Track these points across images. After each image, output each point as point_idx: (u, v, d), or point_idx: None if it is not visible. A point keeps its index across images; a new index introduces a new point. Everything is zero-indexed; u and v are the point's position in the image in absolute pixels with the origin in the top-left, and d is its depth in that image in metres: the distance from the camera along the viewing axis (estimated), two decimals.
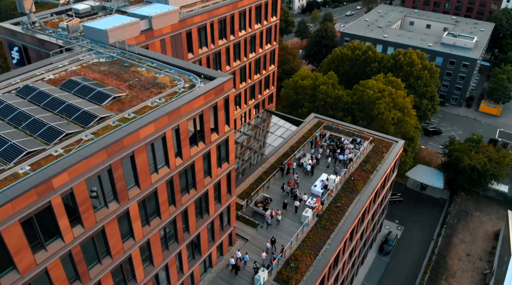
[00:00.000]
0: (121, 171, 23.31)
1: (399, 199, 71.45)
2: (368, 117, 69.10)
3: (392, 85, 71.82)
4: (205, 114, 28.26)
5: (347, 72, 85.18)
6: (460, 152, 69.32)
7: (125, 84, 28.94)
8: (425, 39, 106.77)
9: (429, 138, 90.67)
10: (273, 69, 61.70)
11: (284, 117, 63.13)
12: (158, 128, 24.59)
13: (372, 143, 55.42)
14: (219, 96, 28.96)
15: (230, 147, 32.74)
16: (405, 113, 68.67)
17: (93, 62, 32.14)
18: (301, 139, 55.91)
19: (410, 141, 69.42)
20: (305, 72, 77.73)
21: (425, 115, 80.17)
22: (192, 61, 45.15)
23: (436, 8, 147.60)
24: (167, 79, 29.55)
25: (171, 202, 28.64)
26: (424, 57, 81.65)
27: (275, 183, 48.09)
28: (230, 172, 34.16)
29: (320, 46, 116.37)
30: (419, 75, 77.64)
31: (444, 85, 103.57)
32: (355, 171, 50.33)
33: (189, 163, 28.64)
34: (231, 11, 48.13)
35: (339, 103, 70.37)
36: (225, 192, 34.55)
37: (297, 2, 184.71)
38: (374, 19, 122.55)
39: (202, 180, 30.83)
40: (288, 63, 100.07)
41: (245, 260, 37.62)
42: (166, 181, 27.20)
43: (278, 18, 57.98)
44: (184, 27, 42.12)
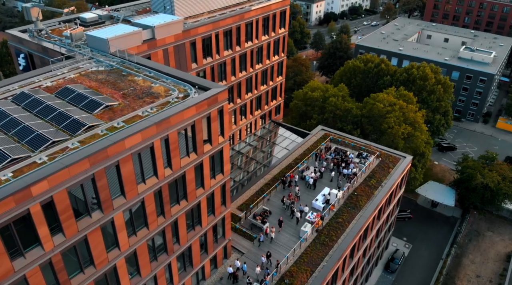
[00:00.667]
0: (105, 181, 23.17)
1: (408, 216, 69.56)
2: (377, 131, 67.89)
3: (404, 99, 70.54)
4: (197, 124, 28.02)
5: (359, 84, 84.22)
6: (473, 170, 67.22)
7: (119, 93, 29.01)
8: (441, 53, 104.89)
9: (443, 154, 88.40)
10: (280, 81, 61.35)
11: (290, 128, 62.54)
12: (145, 138, 24.43)
13: (378, 158, 54.21)
14: (212, 107, 28.71)
15: (224, 158, 32.39)
16: (415, 128, 67.22)
17: (92, 71, 32.42)
18: (306, 152, 55.14)
19: (420, 157, 67.77)
20: (315, 84, 77.16)
21: (438, 130, 78.30)
22: (196, 71, 45.26)
23: (455, 22, 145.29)
24: (162, 89, 29.52)
25: (160, 213, 28.36)
26: (439, 71, 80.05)
27: (276, 195, 47.40)
28: (225, 183, 33.75)
29: (335, 58, 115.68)
30: (432, 90, 76.07)
31: (461, 100, 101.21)
32: (359, 186, 49.20)
33: (180, 173, 28.37)
34: (237, 22, 48.17)
35: (349, 115, 69.43)
36: (219, 204, 34.10)
37: (315, 14, 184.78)
38: (390, 32, 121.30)
39: (194, 191, 30.49)
40: (301, 75, 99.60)
41: (244, 270, 36.93)
42: (154, 192, 26.96)
43: (287, 30, 57.77)
44: (188, 37, 42.28)
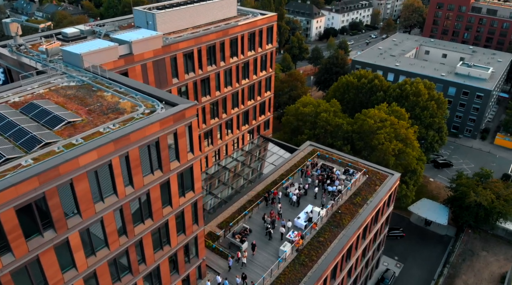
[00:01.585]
0: (57, 199, 22.51)
1: (400, 234, 68.01)
2: (368, 147, 66.94)
3: (396, 115, 69.72)
4: (162, 141, 27.42)
5: (353, 100, 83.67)
6: (467, 187, 65.81)
7: (85, 108, 28.58)
8: (438, 69, 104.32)
9: (438, 170, 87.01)
10: (269, 96, 60.92)
11: (279, 144, 61.83)
12: (102, 155, 23.83)
13: (365, 175, 53.19)
14: (179, 123, 28.13)
15: (195, 176, 31.67)
16: (407, 144, 66.19)
17: (62, 86, 32.10)
18: (293, 167, 54.30)
19: (412, 174, 66.59)
20: (308, 99, 76.61)
21: (432, 146, 77.15)
22: (178, 86, 44.94)
23: (454, 38, 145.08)
24: (129, 105, 29.05)
25: (122, 232, 27.56)
26: (432, 87, 79.32)
27: (259, 212, 46.44)
28: (196, 201, 32.95)
29: (331, 73, 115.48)
30: (426, 106, 75.23)
31: (458, 116, 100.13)
32: (343, 203, 48.13)
33: (143, 192, 27.65)
34: (221, 37, 47.98)
35: (339, 131, 68.66)
36: (191, 223, 33.24)
37: (315, 30, 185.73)
38: (388, 48, 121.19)
39: (160, 210, 29.72)
40: (296, 89, 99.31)
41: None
42: (114, 211, 26.22)
43: (274, 46, 57.56)
44: (168, 52, 42.06)
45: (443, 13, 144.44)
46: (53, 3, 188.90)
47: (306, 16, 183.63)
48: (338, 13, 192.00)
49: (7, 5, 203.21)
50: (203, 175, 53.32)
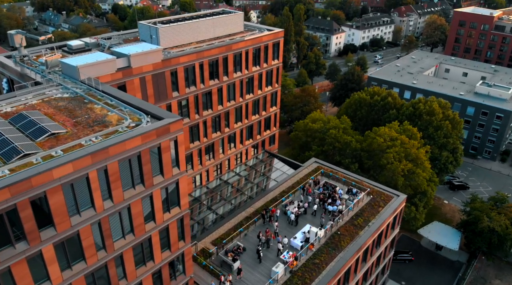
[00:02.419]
0: (29, 211, 22.38)
1: (408, 258, 65.34)
2: (377, 166, 65.12)
3: (407, 134, 67.78)
4: (144, 155, 27.13)
5: (365, 117, 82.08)
6: (480, 212, 62.88)
7: (72, 120, 28.69)
8: (457, 88, 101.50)
9: (454, 192, 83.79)
10: (274, 111, 60.33)
11: (284, 160, 60.89)
12: (78, 168, 23.67)
13: (369, 195, 51.55)
14: (163, 138, 27.83)
15: (181, 191, 31.19)
16: (417, 164, 64.08)
17: (55, 97, 32.46)
18: (295, 184, 53.24)
19: (422, 196, 64.22)
20: (317, 115, 75.76)
21: (446, 168, 74.43)
22: (178, 99, 44.96)
23: (477, 56, 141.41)
24: (115, 118, 29.01)
25: (101, 246, 27.21)
26: (447, 106, 76.99)
27: (255, 230, 45.45)
28: (183, 217, 32.38)
29: (347, 89, 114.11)
30: (439, 125, 72.92)
31: (477, 137, 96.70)
32: (344, 224, 46.62)
33: (123, 206, 27.33)
34: (224, 53, 47.94)
35: (347, 149, 67.20)
36: (176, 239, 32.64)
37: (334, 46, 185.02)
38: (406, 65, 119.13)
39: (143, 225, 29.29)
40: (308, 105, 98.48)
41: None
42: (92, 224, 25.93)
43: (280, 61, 57.14)
44: (168, 66, 42.20)
45: (465, 31, 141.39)
46: (80, 15, 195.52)
47: (325, 32, 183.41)
48: (358, 30, 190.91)
49: (36, 16, 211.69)
50: (203, 189, 52.88)
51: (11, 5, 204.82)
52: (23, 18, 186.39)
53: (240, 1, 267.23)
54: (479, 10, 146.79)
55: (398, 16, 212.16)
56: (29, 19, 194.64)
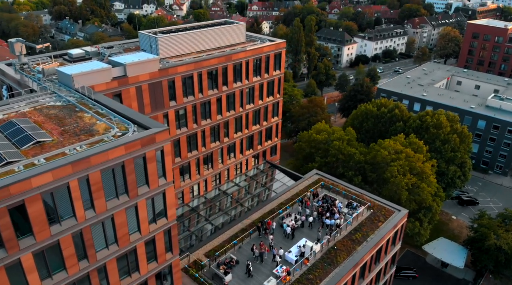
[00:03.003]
0: (7, 219, 22.27)
1: (413, 275, 63.60)
2: (380, 179, 63.89)
3: (413, 148, 66.47)
4: (128, 165, 26.90)
5: (371, 129, 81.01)
6: (487, 229, 60.98)
7: (60, 129, 28.72)
8: (468, 101, 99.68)
9: (463, 208, 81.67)
10: (276, 121, 59.87)
11: (284, 171, 60.19)
12: (58, 177, 23.54)
13: (370, 209, 50.39)
14: (148, 148, 27.61)
15: (168, 202, 30.82)
16: (423, 178, 62.66)
17: (47, 105, 32.63)
18: (294, 196, 52.40)
19: (426, 211, 62.65)
20: (322, 126, 75.01)
21: (454, 182, 72.61)
22: (175, 108, 44.91)
23: (491, 69, 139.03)
24: (103, 127, 28.95)
25: (82, 256, 26.94)
26: (456, 119, 75.41)
27: (250, 243, 44.68)
28: (170, 229, 31.97)
29: (355, 100, 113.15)
30: (447, 139, 71.38)
31: (488, 151, 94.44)
32: (341, 239, 45.55)
33: (106, 216, 27.06)
34: (223, 63, 47.87)
35: (351, 161, 66.18)
36: (163, 251, 32.19)
37: (346, 57, 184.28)
38: (417, 77, 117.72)
39: (127, 236, 28.95)
40: (315, 116, 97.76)
41: None
42: (73, 234, 25.70)
43: (282, 72, 56.86)
44: (165, 75, 42.27)
45: (479, 43, 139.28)
46: (95, 24, 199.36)
47: (337, 43, 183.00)
48: (371, 41, 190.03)
49: (53, 25, 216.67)
50: (201, 199, 52.51)
51: (29, 13, 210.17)
52: (40, 26, 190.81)
53: (254, 11, 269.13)
54: (493, 22, 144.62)
55: (411, 27, 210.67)
56: (45, 27, 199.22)
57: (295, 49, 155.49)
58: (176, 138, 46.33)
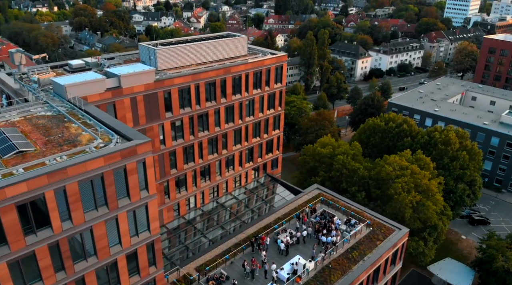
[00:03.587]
0: None
1: None
2: (384, 196, 62.26)
3: (419, 164, 64.72)
4: (107, 177, 26.72)
5: (378, 144, 79.42)
6: (496, 250, 58.48)
7: (45, 139, 28.84)
8: (482, 117, 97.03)
9: (473, 227, 78.88)
10: (277, 134, 59.26)
11: (285, 184, 59.30)
12: (33, 187, 23.49)
13: (369, 227, 49.00)
14: (129, 160, 27.41)
15: (150, 215, 30.48)
16: (428, 196, 60.78)
17: (37, 115, 32.93)
18: (292, 211, 51.50)
19: (432, 230, 60.60)
20: (327, 139, 73.97)
21: (462, 201, 70.26)
22: (171, 120, 44.85)
23: (508, 85, 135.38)
24: (87, 137, 28.94)
25: (59, 268, 26.71)
26: (466, 136, 73.29)
27: (243, 258, 43.82)
28: (153, 242, 31.55)
29: (366, 114, 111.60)
30: (456, 156, 69.33)
31: (501, 169, 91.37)
32: (337, 257, 44.28)
33: (84, 228, 26.84)
34: (222, 75, 47.77)
35: (355, 176, 64.82)
36: (146, 265, 31.75)
37: (360, 70, 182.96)
38: (430, 91, 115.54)
39: (107, 248, 28.64)
40: (323, 129, 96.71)
41: None
42: (50, 245, 25.53)
43: (284, 85, 56.46)
44: (161, 87, 42.33)
45: (495, 59, 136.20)
46: (113, 35, 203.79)
47: (351, 56, 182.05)
48: (386, 54, 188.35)
49: (73, 36, 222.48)
50: (198, 211, 52.05)
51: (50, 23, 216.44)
52: (59, 36, 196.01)
53: (270, 25, 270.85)
54: (510, 37, 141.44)
55: (428, 41, 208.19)
56: (65, 38, 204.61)
57: (308, 62, 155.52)
58: (172, 150, 46.18)
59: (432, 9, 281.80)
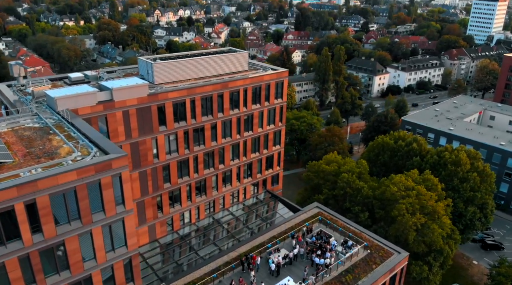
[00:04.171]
0: None
1: None
2: (388, 217, 60.19)
3: (426, 185, 62.47)
4: (80, 191, 26.52)
5: (387, 163, 77.34)
6: (505, 278, 55.46)
7: (25, 150, 29.03)
8: (499, 137, 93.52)
9: (486, 252, 75.29)
10: (278, 150, 58.43)
11: (284, 202, 58.12)
12: (1, 200, 23.44)
13: (367, 250, 47.21)
14: (103, 174, 27.19)
15: (127, 231, 30.04)
16: (434, 219, 58.41)
17: (25, 126, 33.32)
18: (288, 230, 50.22)
19: (437, 254, 58.00)
20: (333, 156, 72.58)
21: (473, 224, 67.23)
22: (165, 133, 44.75)
23: None
24: (66, 150, 28.97)
25: (31, 281, 26.45)
26: (478, 157, 70.51)
27: (232, 277, 42.78)
28: (131, 258, 31.05)
29: (378, 131, 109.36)
30: (466, 177, 66.67)
31: None
32: (330, 280, 42.67)
33: (56, 241, 26.60)
34: (219, 90, 47.61)
35: (358, 195, 63.06)
36: (123, 281, 31.21)
37: (377, 86, 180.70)
38: (446, 110, 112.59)
39: (80, 263, 28.29)
40: (333, 145, 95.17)
41: None
42: (20, 258, 25.35)
43: (284, 101, 55.85)
44: (155, 101, 42.38)
45: None
46: (134, 49, 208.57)
47: (368, 73, 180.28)
48: (404, 71, 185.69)
49: (96, 49, 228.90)
50: (192, 226, 51.42)
51: (74, 37, 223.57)
52: (82, 49, 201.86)
53: (289, 41, 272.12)
54: None
55: (448, 59, 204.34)
56: (88, 51, 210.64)
57: (323, 78, 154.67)
58: (165, 163, 45.97)
59: (455, 27, 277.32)
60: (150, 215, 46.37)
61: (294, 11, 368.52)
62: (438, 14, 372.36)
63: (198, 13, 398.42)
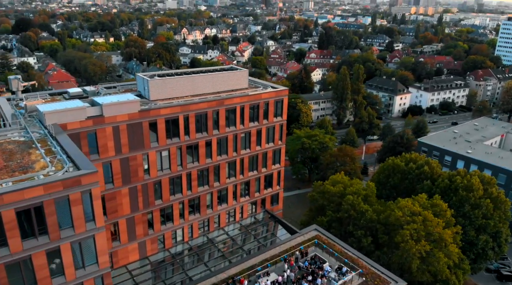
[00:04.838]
0: None
1: None
2: (392, 243, 57.59)
3: (434, 210, 59.64)
4: (47, 206, 26.41)
5: (397, 185, 74.68)
6: None
7: (3, 164, 29.35)
8: None
9: (501, 284, 70.74)
10: (278, 169, 57.42)
11: (283, 223, 56.68)
12: None
13: (362, 277, 45.06)
14: (72, 190, 27.05)
15: (98, 248, 29.66)
16: (441, 247, 55.45)
17: (10, 140, 33.86)
18: (282, 253, 48.69)
19: (443, 284, 54.76)
20: (339, 177, 70.61)
21: (485, 253, 63.43)
22: (156, 150, 44.69)
23: None
24: (41, 165, 29.11)
25: None
26: (493, 182, 66.98)
27: None
28: (102, 277, 30.56)
29: (394, 152, 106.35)
30: (478, 204, 63.28)
31: None
32: None
33: (22, 256, 26.46)
34: (214, 107, 47.41)
35: (362, 219, 60.81)
36: None
37: (398, 106, 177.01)
38: (465, 132, 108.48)
39: (48, 279, 28.01)
40: (345, 165, 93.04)
41: None
42: None
43: (284, 119, 55.08)
44: (146, 117, 42.51)
45: None
46: (157, 66, 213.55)
47: (389, 92, 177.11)
48: (427, 92, 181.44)
49: (122, 65, 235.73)
50: (185, 245, 50.66)
51: (101, 53, 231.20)
52: (108, 65, 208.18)
53: (312, 59, 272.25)
54: None
55: (474, 79, 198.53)
56: (114, 67, 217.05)
57: (340, 97, 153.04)
58: (157, 180, 45.75)
59: (483, 47, 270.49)
60: (140, 231, 46.01)
61: (319, 30, 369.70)
62: (467, 34, 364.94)
63: (224, 31, 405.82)
